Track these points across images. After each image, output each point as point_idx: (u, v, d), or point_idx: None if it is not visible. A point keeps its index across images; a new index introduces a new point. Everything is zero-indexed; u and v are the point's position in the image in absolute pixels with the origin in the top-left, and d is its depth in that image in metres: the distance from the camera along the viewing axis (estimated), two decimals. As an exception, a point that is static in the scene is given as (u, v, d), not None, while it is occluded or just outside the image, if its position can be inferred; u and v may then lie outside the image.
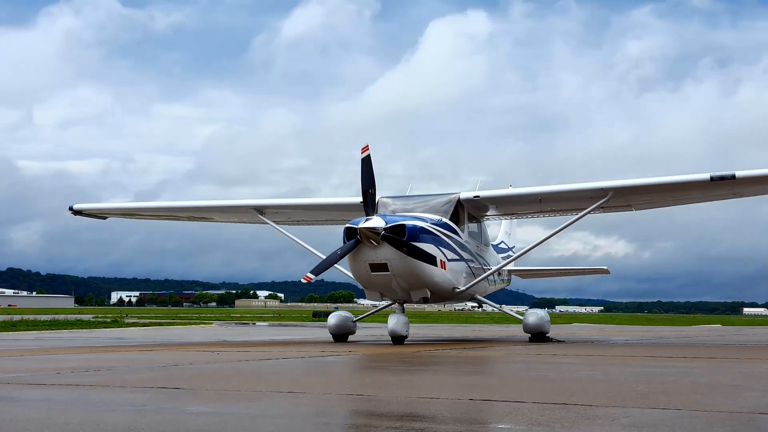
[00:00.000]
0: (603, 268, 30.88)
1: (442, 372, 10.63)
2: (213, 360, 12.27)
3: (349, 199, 21.18)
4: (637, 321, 66.17)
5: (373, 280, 17.46)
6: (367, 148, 17.22)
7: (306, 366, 11.40)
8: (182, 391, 7.64)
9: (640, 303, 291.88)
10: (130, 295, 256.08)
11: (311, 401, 6.96)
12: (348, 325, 19.86)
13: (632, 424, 5.61)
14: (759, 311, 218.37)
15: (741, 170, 18.30)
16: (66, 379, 8.94)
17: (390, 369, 10.76)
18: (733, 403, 6.85)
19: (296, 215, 23.54)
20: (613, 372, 10.28)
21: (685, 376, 9.69)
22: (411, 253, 17.00)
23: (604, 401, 6.79)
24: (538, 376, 9.74)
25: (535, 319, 19.59)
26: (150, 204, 24.78)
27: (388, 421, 5.82)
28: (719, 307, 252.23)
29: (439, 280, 18.15)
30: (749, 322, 76.25)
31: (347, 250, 16.96)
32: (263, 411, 6.45)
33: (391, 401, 6.93)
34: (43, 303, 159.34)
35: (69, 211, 23.59)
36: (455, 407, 6.59)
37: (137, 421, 5.84)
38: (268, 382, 8.86)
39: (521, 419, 5.87)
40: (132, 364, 11.47)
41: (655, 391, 7.56)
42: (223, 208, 23.44)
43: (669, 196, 20.35)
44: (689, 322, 63.62)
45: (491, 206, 21.27)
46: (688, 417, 6.00)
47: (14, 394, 7.52)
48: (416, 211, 18.76)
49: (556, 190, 20.62)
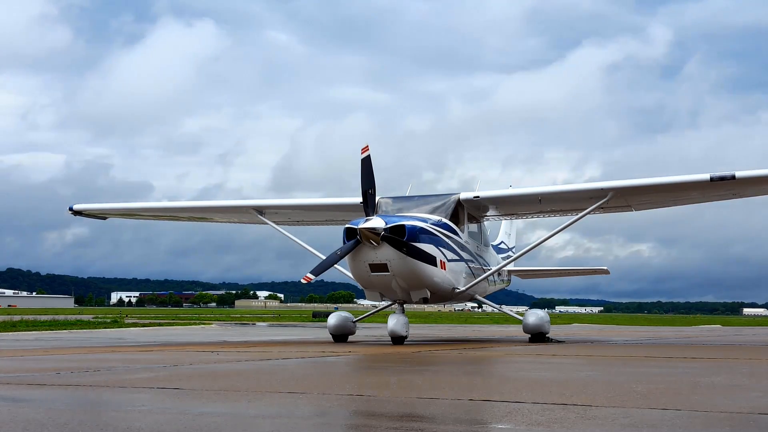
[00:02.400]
0: (603, 268, 30.86)
1: (442, 372, 10.62)
2: (213, 360, 12.27)
3: (349, 200, 21.18)
4: (637, 321, 66.17)
5: (373, 281, 17.46)
6: (367, 149, 17.23)
7: (306, 366, 11.40)
8: (182, 392, 7.64)
9: (640, 303, 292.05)
10: (130, 295, 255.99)
11: (311, 401, 6.95)
12: (348, 326, 19.85)
13: (632, 424, 5.61)
14: (759, 311, 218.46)
15: (741, 170, 18.34)
16: (66, 379, 8.94)
17: (390, 369, 10.76)
18: (733, 403, 6.85)
19: (296, 215, 23.54)
20: (613, 372, 10.28)
21: (685, 376, 9.69)
22: (411, 253, 17.00)
23: (604, 401, 6.79)
24: (538, 376, 9.73)
25: (535, 320, 19.57)
26: (150, 204, 24.78)
27: (388, 421, 5.82)
28: (719, 308, 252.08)
29: (439, 280, 18.15)
30: (749, 322, 76.29)
31: (347, 251, 16.96)
32: (263, 411, 6.45)
33: (391, 401, 6.93)
34: (43, 303, 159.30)
35: (69, 211, 23.59)
36: (455, 407, 6.59)
37: (137, 421, 5.84)
38: (268, 382, 8.86)
39: (521, 419, 5.88)
40: (132, 364, 11.47)
41: (655, 391, 7.56)
42: (223, 209, 23.45)
43: (669, 196, 20.36)
44: (689, 323, 63.61)
45: (491, 206, 21.26)
46: (688, 417, 6.00)
47: (14, 394, 7.52)
48: (416, 211, 18.76)
49: (556, 190, 20.64)
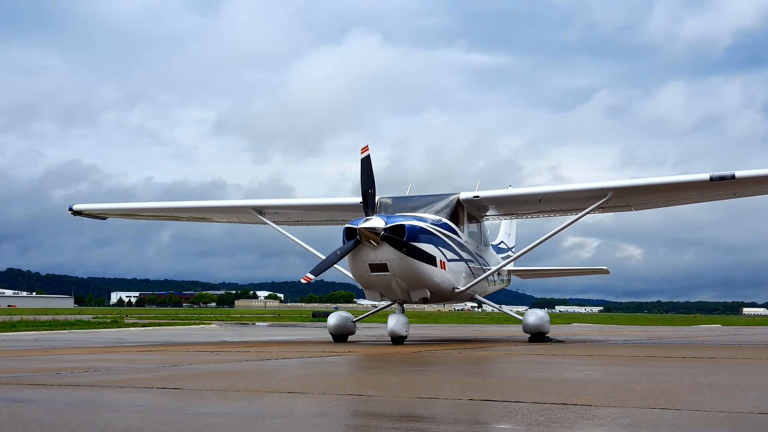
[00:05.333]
0: (603, 268, 30.85)
1: (442, 372, 10.62)
2: (213, 360, 12.27)
3: (349, 200, 21.21)
4: (636, 321, 66.19)
5: (373, 281, 17.46)
6: (366, 149, 17.23)
7: (306, 366, 11.40)
8: (182, 392, 7.63)
9: (640, 303, 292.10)
10: (129, 295, 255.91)
11: (311, 401, 6.95)
12: (348, 326, 19.85)
13: (632, 424, 5.61)
14: (759, 311, 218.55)
15: (740, 170, 18.35)
16: (66, 379, 8.93)
17: (390, 369, 10.76)
18: (733, 403, 6.85)
19: (296, 215, 23.54)
20: (613, 372, 10.28)
21: (685, 376, 9.69)
22: (411, 253, 17.00)
23: (604, 401, 6.78)
24: (538, 376, 9.73)
25: (535, 319, 19.57)
26: (150, 204, 24.76)
27: (388, 421, 5.82)
28: (719, 307, 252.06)
29: (439, 280, 18.15)
30: (749, 322, 76.28)
31: (347, 251, 16.96)
32: (263, 411, 6.45)
33: (391, 401, 6.93)
34: (42, 303, 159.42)
35: (69, 211, 23.58)
36: (455, 407, 6.59)
37: (137, 421, 5.84)
38: (268, 382, 8.85)
39: (521, 419, 5.87)
40: (132, 364, 11.47)
41: (655, 391, 7.55)
42: (223, 209, 23.44)
43: (668, 196, 20.36)
44: (689, 322, 63.61)
45: (491, 206, 21.26)
46: (688, 417, 6.00)
47: (14, 394, 7.52)
48: (416, 211, 18.75)
49: (556, 190, 20.64)
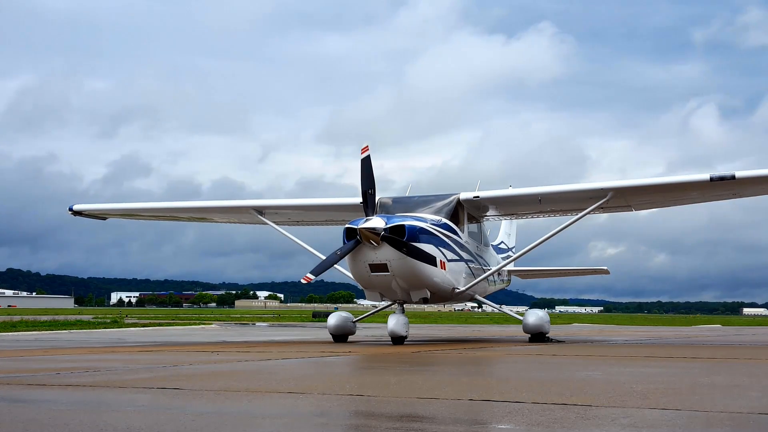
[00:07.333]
0: (603, 268, 30.84)
1: (442, 372, 10.63)
2: (213, 360, 12.27)
3: (349, 200, 21.19)
4: (637, 321, 66.16)
5: (373, 281, 17.45)
6: (366, 149, 17.23)
7: (306, 366, 11.40)
8: (182, 392, 7.64)
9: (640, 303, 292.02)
10: (129, 295, 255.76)
11: (311, 401, 6.95)
12: (348, 326, 19.85)
13: (632, 424, 5.61)
14: (759, 311, 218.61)
15: (740, 170, 18.36)
16: (66, 379, 8.94)
17: (390, 369, 10.75)
18: (733, 403, 6.85)
19: (296, 216, 23.54)
20: (612, 372, 10.27)
21: (685, 376, 9.69)
22: (411, 253, 17.00)
23: (604, 401, 6.78)
24: (538, 376, 9.73)
25: (535, 320, 19.57)
26: (150, 204, 24.75)
27: (388, 421, 5.82)
28: (719, 308, 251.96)
29: (439, 280, 18.15)
30: (749, 322, 76.24)
31: (347, 251, 16.96)
32: (263, 411, 6.45)
33: (391, 401, 6.92)
34: (42, 303, 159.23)
35: (69, 211, 23.59)
36: (455, 407, 6.59)
37: (137, 421, 5.84)
38: (268, 382, 8.85)
39: (521, 419, 5.87)
40: (132, 364, 11.47)
41: (655, 391, 7.55)
42: (223, 209, 23.44)
43: (669, 196, 20.38)
44: (689, 323, 63.60)
45: (491, 206, 21.26)
46: (688, 417, 6.01)
47: (14, 394, 7.52)
48: (416, 211, 18.75)
49: (556, 190, 20.63)
